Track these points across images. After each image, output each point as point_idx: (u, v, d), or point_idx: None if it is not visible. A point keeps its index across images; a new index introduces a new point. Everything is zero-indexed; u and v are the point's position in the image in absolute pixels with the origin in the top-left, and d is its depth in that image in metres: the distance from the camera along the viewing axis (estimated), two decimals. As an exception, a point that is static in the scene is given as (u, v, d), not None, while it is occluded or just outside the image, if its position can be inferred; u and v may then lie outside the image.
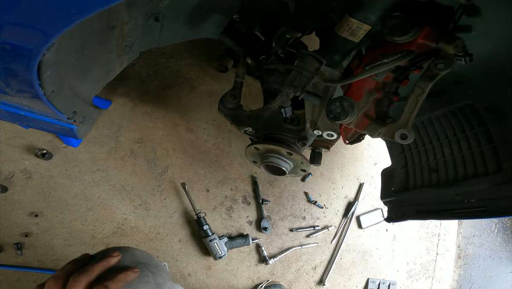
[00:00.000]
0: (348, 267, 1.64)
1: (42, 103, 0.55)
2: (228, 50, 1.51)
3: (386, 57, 0.66)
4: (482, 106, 0.85)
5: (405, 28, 0.64)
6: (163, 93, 1.47)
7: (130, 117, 1.39)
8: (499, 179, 0.81)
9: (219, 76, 1.57)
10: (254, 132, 0.99)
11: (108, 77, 0.76)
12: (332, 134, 0.89)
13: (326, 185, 1.69)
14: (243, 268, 1.45)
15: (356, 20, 0.67)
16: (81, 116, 0.69)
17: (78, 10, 0.40)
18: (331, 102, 0.75)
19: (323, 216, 1.64)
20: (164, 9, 0.65)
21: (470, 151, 0.89)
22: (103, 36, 0.59)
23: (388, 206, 1.17)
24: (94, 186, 1.29)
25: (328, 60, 0.76)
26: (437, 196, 0.98)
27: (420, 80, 0.68)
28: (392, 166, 1.18)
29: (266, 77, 0.96)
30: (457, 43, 0.63)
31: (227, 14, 0.86)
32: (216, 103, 1.06)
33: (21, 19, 0.40)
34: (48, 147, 1.25)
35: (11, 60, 0.45)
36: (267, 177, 1.57)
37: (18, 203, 1.19)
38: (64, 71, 0.56)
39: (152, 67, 1.47)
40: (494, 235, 2.11)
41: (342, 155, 1.77)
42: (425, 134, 1.04)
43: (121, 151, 1.35)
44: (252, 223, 1.50)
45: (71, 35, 0.49)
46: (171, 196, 1.39)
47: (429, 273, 1.85)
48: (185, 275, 1.35)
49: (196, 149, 1.48)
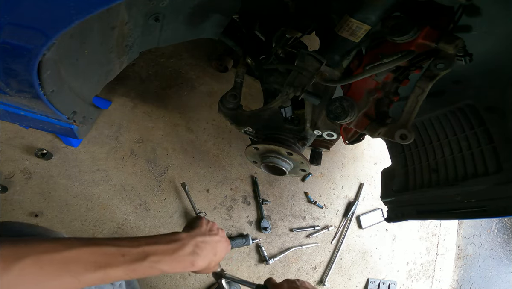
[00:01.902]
0: (348, 267, 1.64)
1: (42, 103, 0.55)
2: (228, 50, 1.52)
3: (386, 57, 0.66)
4: (482, 106, 0.85)
5: (405, 28, 0.64)
6: (163, 93, 1.47)
7: (130, 117, 1.39)
8: (499, 179, 0.81)
9: (219, 76, 1.57)
10: (254, 132, 0.99)
11: (108, 77, 0.76)
12: (332, 134, 0.89)
13: (326, 185, 1.69)
14: (243, 268, 1.45)
15: (356, 20, 0.67)
16: (81, 116, 0.69)
17: (78, 10, 0.40)
18: (331, 102, 0.75)
19: (323, 216, 1.64)
20: (164, 9, 0.65)
21: (470, 151, 0.89)
22: (103, 36, 0.59)
23: (388, 206, 1.17)
24: (94, 186, 1.29)
25: (328, 60, 0.76)
26: (437, 196, 0.98)
27: (420, 80, 0.68)
28: (392, 166, 1.18)
29: (266, 77, 0.96)
30: (457, 43, 0.63)
31: (227, 14, 0.86)
32: (216, 103, 1.06)
33: (21, 19, 0.40)
34: (48, 147, 1.25)
35: (11, 60, 0.46)
36: (267, 177, 1.57)
37: (18, 203, 1.19)
38: (64, 71, 0.56)
39: (152, 67, 1.47)
40: (494, 235, 2.11)
41: (342, 155, 1.77)
42: (425, 134, 1.04)
43: (121, 151, 1.35)
44: (252, 223, 1.50)
45: (71, 35, 0.49)
46: (171, 196, 1.39)
47: (429, 273, 1.85)
48: (185, 275, 1.35)
49: (196, 149, 1.48)
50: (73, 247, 0.47)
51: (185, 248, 0.57)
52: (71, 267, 0.46)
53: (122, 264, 0.50)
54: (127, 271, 0.50)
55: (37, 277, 0.44)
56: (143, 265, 0.51)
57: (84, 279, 0.47)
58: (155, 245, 0.54)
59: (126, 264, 0.50)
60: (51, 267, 0.45)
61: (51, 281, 0.45)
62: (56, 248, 0.46)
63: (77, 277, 0.46)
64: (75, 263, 0.47)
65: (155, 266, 0.53)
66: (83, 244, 0.49)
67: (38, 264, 0.44)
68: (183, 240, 0.58)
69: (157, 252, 0.53)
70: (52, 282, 0.45)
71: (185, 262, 0.56)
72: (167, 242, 0.56)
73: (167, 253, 0.54)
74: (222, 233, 0.71)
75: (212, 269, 0.66)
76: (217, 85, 1.56)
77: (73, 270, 0.46)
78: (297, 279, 0.80)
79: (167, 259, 0.54)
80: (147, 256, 0.52)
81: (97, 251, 0.49)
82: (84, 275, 0.47)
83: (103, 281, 0.49)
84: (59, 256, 0.46)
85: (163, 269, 0.54)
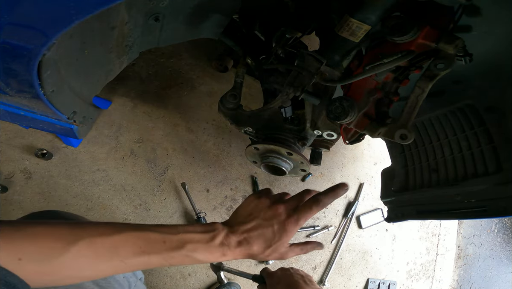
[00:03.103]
0: (348, 267, 1.64)
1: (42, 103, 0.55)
2: (228, 50, 1.51)
3: (386, 57, 0.66)
4: (482, 106, 0.85)
5: (405, 28, 0.64)
6: (163, 93, 1.47)
7: (130, 117, 1.39)
8: (499, 179, 0.81)
9: (219, 76, 1.57)
10: (254, 132, 0.99)
11: (108, 77, 0.76)
12: (332, 134, 0.89)
13: (326, 185, 1.69)
14: (243, 268, 1.45)
15: (356, 20, 0.67)
16: (81, 116, 0.70)
17: (78, 10, 0.40)
18: (331, 102, 0.75)
19: (323, 216, 1.64)
20: (164, 9, 0.65)
21: (470, 151, 0.89)
22: (103, 36, 0.59)
23: (388, 206, 1.17)
24: (94, 186, 1.29)
25: (328, 60, 0.76)
26: (437, 196, 0.98)
27: (420, 80, 0.68)
28: (392, 166, 1.18)
29: (266, 77, 0.96)
30: (457, 43, 0.63)
31: (227, 14, 0.86)
32: (216, 103, 1.06)
33: (21, 19, 0.40)
34: (48, 147, 1.25)
35: (11, 60, 0.46)
36: (267, 177, 1.57)
37: (18, 203, 1.19)
38: (64, 71, 0.56)
39: (152, 67, 1.47)
40: (494, 235, 2.11)
41: (342, 155, 1.77)
42: (425, 134, 1.04)
43: (121, 151, 1.35)
44: (252, 223, 1.50)
45: (71, 35, 0.49)
46: (171, 196, 1.39)
47: (429, 273, 1.85)
48: (185, 275, 1.35)
49: (196, 149, 1.48)
50: (122, 232, 0.49)
51: (215, 239, 0.56)
52: (120, 251, 0.48)
53: (163, 251, 0.51)
54: (166, 257, 0.51)
55: (90, 259, 0.46)
56: (181, 253, 0.52)
57: (130, 263, 0.49)
58: (191, 233, 0.54)
59: (167, 251, 0.51)
60: (103, 250, 0.47)
61: (102, 264, 0.47)
62: (108, 232, 0.48)
63: (124, 260, 0.48)
64: (124, 247, 0.48)
65: (191, 255, 0.53)
66: (131, 229, 0.50)
67: (92, 247, 0.46)
68: (216, 230, 0.57)
69: (193, 240, 0.53)
70: (103, 264, 0.47)
71: (217, 252, 0.56)
72: (202, 232, 0.56)
73: (201, 242, 0.54)
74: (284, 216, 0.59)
75: (273, 257, 0.60)
76: (217, 85, 1.56)
77: (122, 254, 0.48)
78: (291, 268, 0.81)
79: (201, 249, 0.54)
80: (185, 244, 0.52)
81: (143, 236, 0.50)
82: (131, 259, 0.49)
83: (145, 265, 0.50)
84: (111, 240, 0.48)
85: (197, 258, 0.54)
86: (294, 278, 0.76)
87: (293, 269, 0.81)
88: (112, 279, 0.68)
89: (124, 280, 0.73)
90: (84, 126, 0.74)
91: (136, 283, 0.77)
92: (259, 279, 0.83)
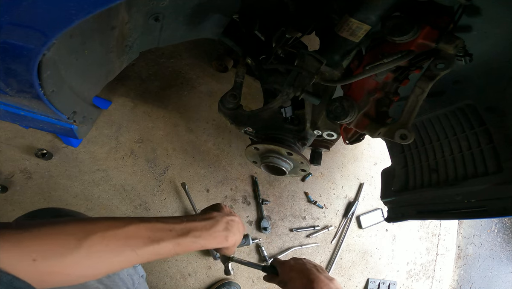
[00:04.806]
0: (348, 267, 1.64)
1: (42, 103, 0.55)
2: (228, 50, 1.51)
3: (386, 57, 0.66)
4: (482, 106, 0.85)
5: (405, 28, 0.64)
6: (163, 93, 1.47)
7: (130, 117, 1.39)
8: (499, 179, 0.81)
9: (219, 76, 1.57)
10: (254, 132, 0.99)
11: (108, 77, 0.76)
12: (332, 134, 0.89)
13: (326, 185, 1.69)
14: (243, 268, 1.45)
15: (356, 20, 0.67)
16: (81, 116, 0.69)
17: (78, 10, 0.40)
18: (331, 102, 0.75)
19: (323, 216, 1.64)
20: (164, 9, 0.65)
21: (470, 151, 0.89)
22: (103, 36, 0.59)
23: (388, 206, 1.17)
24: (94, 186, 1.29)
25: (328, 60, 0.76)
26: (437, 196, 0.98)
27: (420, 80, 0.68)
28: (392, 166, 1.18)
29: (266, 77, 0.96)
30: (457, 43, 0.63)
31: (227, 14, 0.86)
32: (216, 103, 1.06)
33: (21, 19, 0.40)
34: (48, 147, 1.25)
35: (11, 60, 0.46)
36: (267, 177, 1.57)
37: (18, 203, 1.19)
38: (64, 71, 0.56)
39: (152, 67, 1.47)
40: (494, 235, 2.11)
41: (342, 155, 1.77)
42: (425, 134, 1.04)
43: (121, 151, 1.35)
44: (252, 223, 1.50)
45: (71, 35, 0.49)
46: (171, 196, 1.39)
47: (429, 273, 1.85)
48: (185, 275, 1.35)
49: (196, 149, 1.48)
50: (131, 224, 0.51)
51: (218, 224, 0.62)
52: (131, 242, 0.50)
53: (171, 238, 0.53)
54: (174, 245, 0.54)
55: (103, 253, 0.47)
56: (187, 239, 0.55)
57: (142, 253, 0.50)
58: (194, 222, 0.59)
59: (174, 238, 0.54)
60: (114, 243, 0.48)
61: (115, 257, 0.48)
62: (118, 225, 0.50)
63: (136, 251, 0.50)
64: (134, 238, 0.50)
65: (197, 241, 0.57)
66: (138, 221, 0.53)
67: (104, 241, 0.47)
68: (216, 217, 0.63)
69: (197, 228, 0.58)
70: (116, 257, 0.49)
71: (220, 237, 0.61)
72: (203, 219, 0.61)
73: (205, 228, 0.59)
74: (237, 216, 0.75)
75: (234, 247, 0.69)
76: (217, 85, 1.56)
77: (133, 245, 0.50)
78: (303, 258, 0.85)
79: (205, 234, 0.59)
80: (190, 231, 0.56)
81: (150, 226, 0.53)
82: (142, 249, 0.50)
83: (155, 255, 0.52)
84: (121, 232, 0.49)
85: (202, 244, 0.58)
86: (307, 266, 0.80)
87: (305, 259, 0.84)
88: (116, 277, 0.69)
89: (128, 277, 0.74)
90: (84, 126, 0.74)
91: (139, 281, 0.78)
92: (270, 269, 0.85)
